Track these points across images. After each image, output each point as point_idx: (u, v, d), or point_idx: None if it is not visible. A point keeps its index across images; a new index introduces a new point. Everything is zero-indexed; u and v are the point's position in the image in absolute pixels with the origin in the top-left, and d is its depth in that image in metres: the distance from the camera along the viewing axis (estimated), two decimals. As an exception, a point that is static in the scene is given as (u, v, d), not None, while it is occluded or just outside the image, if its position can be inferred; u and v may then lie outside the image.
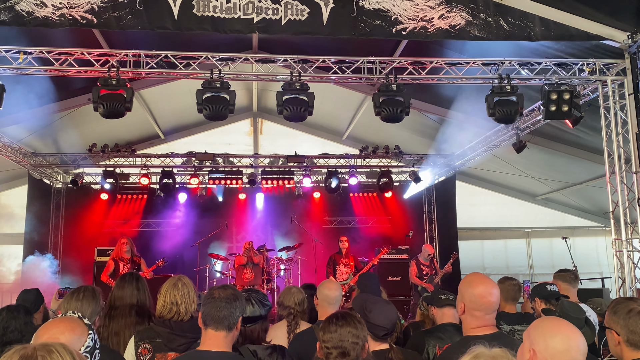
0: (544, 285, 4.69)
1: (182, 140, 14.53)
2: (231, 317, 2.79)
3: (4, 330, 3.78)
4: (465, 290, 3.09)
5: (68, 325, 2.36)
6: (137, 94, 10.54)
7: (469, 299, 3.06)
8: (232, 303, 2.81)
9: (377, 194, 14.85)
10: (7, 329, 3.79)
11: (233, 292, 2.88)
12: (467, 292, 3.08)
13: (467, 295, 3.08)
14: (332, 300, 4.20)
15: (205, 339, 2.81)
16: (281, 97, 8.27)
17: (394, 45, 9.40)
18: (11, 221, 13.65)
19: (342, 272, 10.99)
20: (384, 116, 8.42)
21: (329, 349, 2.81)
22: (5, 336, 3.75)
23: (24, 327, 3.83)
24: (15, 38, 8.17)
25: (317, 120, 13.45)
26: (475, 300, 3.04)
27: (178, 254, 13.55)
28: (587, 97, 9.16)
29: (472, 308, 3.05)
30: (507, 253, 15.65)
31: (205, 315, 2.80)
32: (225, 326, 2.78)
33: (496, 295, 3.07)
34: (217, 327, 2.77)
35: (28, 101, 9.99)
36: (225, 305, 2.79)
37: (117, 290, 4.12)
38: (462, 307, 3.10)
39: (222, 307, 2.78)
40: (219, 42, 9.38)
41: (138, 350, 3.52)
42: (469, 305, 3.06)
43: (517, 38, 7.87)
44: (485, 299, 3.03)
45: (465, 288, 3.10)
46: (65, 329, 2.33)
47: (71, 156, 13.46)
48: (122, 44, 8.78)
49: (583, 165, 12.13)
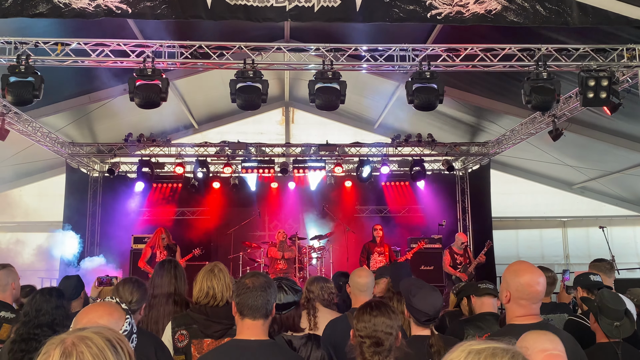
0: (587, 275, 4.68)
1: (215, 130, 14.68)
2: (268, 305, 2.80)
3: (37, 313, 3.88)
4: (512, 279, 3.04)
5: (106, 310, 2.42)
6: (172, 84, 10.67)
7: (515, 287, 3.01)
8: (266, 291, 2.80)
9: (409, 183, 14.76)
10: (40, 311, 3.89)
11: (265, 279, 2.88)
12: (513, 280, 3.03)
13: (513, 283, 3.03)
14: (362, 287, 4.21)
15: (243, 329, 2.80)
16: (313, 86, 8.26)
17: (428, 33, 9.30)
18: (50, 209, 13.98)
19: (376, 261, 10.95)
20: (417, 104, 8.34)
21: (363, 338, 2.82)
22: (38, 318, 3.85)
23: (55, 311, 3.91)
24: (53, 30, 8.34)
25: (349, 109, 13.42)
26: (522, 289, 2.99)
27: (212, 242, 13.74)
28: (627, 83, 8.92)
29: (518, 297, 3.00)
30: (542, 243, 15.44)
31: (241, 305, 2.79)
32: (262, 314, 2.78)
33: (543, 284, 3.02)
34: (255, 316, 2.77)
35: (66, 92, 10.22)
36: (261, 294, 2.78)
37: (156, 278, 4.18)
38: (508, 295, 3.05)
39: (258, 296, 2.77)
40: (251, 32, 9.42)
41: (175, 337, 3.58)
42: (515, 294, 3.01)
43: (554, 24, 7.69)
44: (532, 287, 2.98)
45: (512, 277, 3.05)
46: (103, 313, 2.39)
47: (107, 146, 13.69)
48: (157, 35, 8.88)
49: (621, 153, 11.86)
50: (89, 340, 1.59)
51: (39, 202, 14.32)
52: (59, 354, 1.55)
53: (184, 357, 3.52)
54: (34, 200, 14.34)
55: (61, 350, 1.55)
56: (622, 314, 3.49)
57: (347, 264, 12.08)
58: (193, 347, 3.54)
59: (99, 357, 1.57)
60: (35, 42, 8.03)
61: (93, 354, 1.56)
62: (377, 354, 2.78)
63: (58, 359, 1.54)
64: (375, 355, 2.78)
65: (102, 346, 1.60)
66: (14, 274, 4.37)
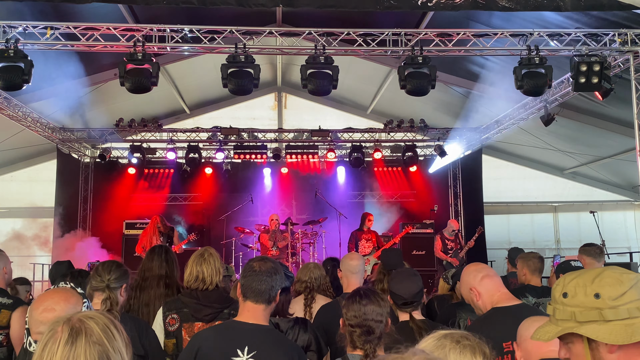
0: (568, 262, 4.75)
1: (207, 115, 14.61)
2: (272, 290, 2.81)
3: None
4: (473, 281, 3.23)
5: (62, 296, 2.39)
6: (163, 68, 10.59)
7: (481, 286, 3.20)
8: (272, 276, 2.81)
9: (401, 168, 14.78)
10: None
11: (273, 265, 2.89)
12: (474, 282, 3.22)
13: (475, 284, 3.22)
14: (354, 269, 4.23)
15: (244, 311, 2.82)
16: (305, 71, 8.23)
17: (420, 17, 9.26)
18: (41, 195, 13.93)
19: (364, 247, 11.00)
20: (410, 89, 8.34)
21: (353, 327, 2.82)
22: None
23: None
24: (42, 14, 8.25)
25: (342, 94, 13.39)
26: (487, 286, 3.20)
27: (204, 227, 13.74)
28: (618, 68, 8.94)
29: (485, 293, 3.19)
30: (533, 228, 15.52)
31: (245, 288, 2.80)
32: (265, 299, 2.79)
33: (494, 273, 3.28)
34: (257, 300, 2.79)
35: (55, 77, 10.13)
36: (267, 279, 2.79)
37: (147, 261, 4.20)
38: (477, 294, 3.20)
39: (263, 281, 2.78)
40: (243, 16, 9.35)
41: (166, 321, 3.60)
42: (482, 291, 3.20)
43: (546, 8, 7.68)
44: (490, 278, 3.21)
45: (472, 279, 3.25)
46: (59, 299, 2.35)
47: (98, 131, 13.62)
48: (147, 19, 8.81)
49: (612, 139, 11.91)
50: (95, 317, 1.65)
51: (29, 187, 14.26)
52: (68, 330, 1.59)
53: (175, 341, 3.54)
54: (24, 185, 14.28)
55: (69, 326, 1.60)
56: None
57: (340, 249, 12.11)
58: (184, 330, 3.56)
59: (106, 331, 1.63)
60: (25, 26, 7.95)
61: (101, 328, 1.62)
62: (368, 342, 2.78)
63: (67, 337, 1.58)
64: (367, 344, 2.78)
65: (107, 323, 1.66)
66: (5, 258, 4.35)
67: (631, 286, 1.59)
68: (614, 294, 1.58)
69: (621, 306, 1.57)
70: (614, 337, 1.56)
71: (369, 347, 2.77)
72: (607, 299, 1.58)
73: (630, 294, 1.58)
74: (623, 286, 1.59)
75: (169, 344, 3.54)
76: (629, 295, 1.58)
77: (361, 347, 2.79)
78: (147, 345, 3.25)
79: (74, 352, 1.55)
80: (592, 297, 1.60)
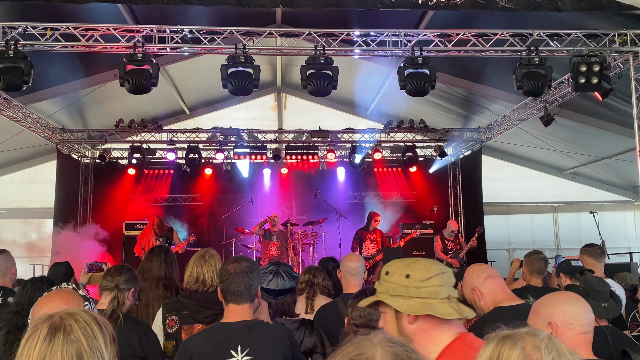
0: (569, 262, 4.73)
1: (207, 116, 14.61)
2: (251, 289, 2.85)
3: (29, 301, 3.87)
4: (476, 281, 3.27)
5: (64, 298, 2.40)
6: (163, 69, 10.59)
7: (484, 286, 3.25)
8: (248, 275, 2.85)
9: (401, 168, 14.77)
10: (32, 299, 3.88)
11: (248, 264, 2.92)
12: (477, 282, 3.26)
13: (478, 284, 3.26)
14: (353, 270, 4.23)
15: (228, 313, 2.87)
16: (305, 72, 8.23)
17: (420, 18, 9.26)
18: (41, 196, 13.93)
19: (369, 248, 11.00)
20: (409, 90, 8.33)
21: (358, 326, 2.84)
22: (30, 307, 3.84)
23: None
24: (42, 15, 8.25)
25: (342, 95, 13.38)
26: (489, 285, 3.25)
27: (204, 228, 13.74)
28: (618, 69, 8.93)
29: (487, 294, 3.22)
30: (533, 228, 15.50)
31: (224, 292, 2.85)
32: (246, 299, 2.84)
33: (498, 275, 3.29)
34: (239, 302, 2.83)
35: (56, 77, 10.13)
36: (243, 279, 2.83)
37: (146, 262, 4.20)
38: (479, 294, 3.23)
39: (239, 282, 2.82)
40: (243, 16, 9.35)
41: (165, 322, 3.60)
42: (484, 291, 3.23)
43: (546, 9, 7.68)
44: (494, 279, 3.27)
45: (475, 280, 3.30)
46: (61, 302, 2.35)
47: (98, 132, 13.61)
48: (147, 19, 8.80)
49: (612, 139, 11.91)
50: (77, 315, 1.65)
51: (30, 188, 14.26)
52: (47, 328, 1.59)
53: (175, 343, 3.53)
54: (24, 186, 14.27)
55: (49, 324, 1.60)
56: (608, 295, 3.54)
57: (340, 250, 12.10)
58: (184, 332, 3.55)
59: (86, 329, 1.62)
60: (24, 27, 7.94)
61: (81, 326, 1.62)
62: None
63: (45, 334, 1.58)
64: None
65: (89, 320, 1.65)
66: (12, 259, 4.37)
67: (436, 274, 1.99)
68: (420, 277, 1.99)
69: (424, 288, 1.97)
70: (410, 309, 1.96)
71: None
72: (414, 280, 1.99)
73: (433, 280, 1.98)
74: (429, 273, 1.99)
75: (169, 346, 3.54)
76: (433, 281, 1.97)
77: None
78: (147, 348, 3.26)
79: (51, 348, 1.56)
80: (404, 277, 1.99)
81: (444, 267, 2.07)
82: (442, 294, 1.96)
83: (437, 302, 1.95)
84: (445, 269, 2.06)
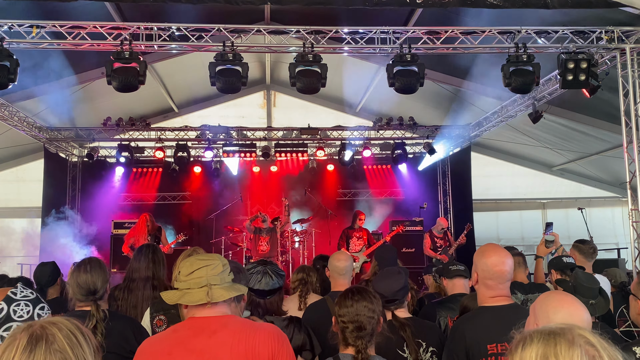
0: (560, 258, 4.74)
1: (196, 114, 14.55)
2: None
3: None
4: (479, 260, 3.08)
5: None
6: (151, 67, 10.53)
7: (481, 268, 3.06)
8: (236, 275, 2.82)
9: (391, 166, 14.80)
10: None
11: (234, 265, 2.88)
12: (480, 261, 3.07)
13: (480, 264, 3.07)
14: (341, 270, 4.22)
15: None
16: (294, 69, 8.21)
17: (408, 15, 9.26)
18: (28, 195, 13.82)
19: (355, 245, 11.04)
20: (398, 87, 8.34)
21: (345, 323, 2.84)
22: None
23: None
24: (28, 12, 8.17)
25: (331, 92, 13.37)
26: (487, 269, 3.02)
27: (193, 227, 13.69)
28: (605, 65, 8.98)
29: (484, 277, 3.04)
30: (522, 224, 15.57)
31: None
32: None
33: (509, 264, 3.04)
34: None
35: (42, 75, 10.04)
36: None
37: (134, 262, 4.16)
38: (476, 276, 3.09)
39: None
40: (231, 14, 9.31)
41: (153, 322, 3.58)
42: (482, 275, 3.05)
43: (534, 6, 7.70)
44: (497, 267, 3.01)
45: (479, 258, 3.09)
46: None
47: (86, 130, 13.52)
48: (134, 17, 8.74)
49: (600, 135, 11.98)
50: (59, 323, 1.58)
51: (17, 187, 14.14)
52: (27, 337, 1.52)
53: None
54: (12, 185, 14.15)
55: (28, 334, 1.53)
56: (597, 292, 3.55)
57: (329, 248, 12.11)
58: (172, 331, 3.53)
59: (70, 338, 1.56)
60: (10, 25, 7.86)
61: (64, 335, 1.55)
62: (360, 338, 2.79)
63: (25, 344, 1.51)
64: (358, 340, 2.79)
65: (72, 329, 1.59)
66: None
67: (199, 268, 2.33)
68: (185, 272, 2.35)
69: (184, 281, 2.33)
70: (170, 299, 2.35)
71: (360, 343, 2.78)
72: (181, 275, 2.35)
73: (196, 273, 2.32)
74: (192, 268, 2.35)
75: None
76: (195, 274, 2.32)
77: (353, 343, 2.79)
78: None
79: (32, 359, 1.48)
80: (177, 273, 2.37)
81: (216, 261, 2.41)
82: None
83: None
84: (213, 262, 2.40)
